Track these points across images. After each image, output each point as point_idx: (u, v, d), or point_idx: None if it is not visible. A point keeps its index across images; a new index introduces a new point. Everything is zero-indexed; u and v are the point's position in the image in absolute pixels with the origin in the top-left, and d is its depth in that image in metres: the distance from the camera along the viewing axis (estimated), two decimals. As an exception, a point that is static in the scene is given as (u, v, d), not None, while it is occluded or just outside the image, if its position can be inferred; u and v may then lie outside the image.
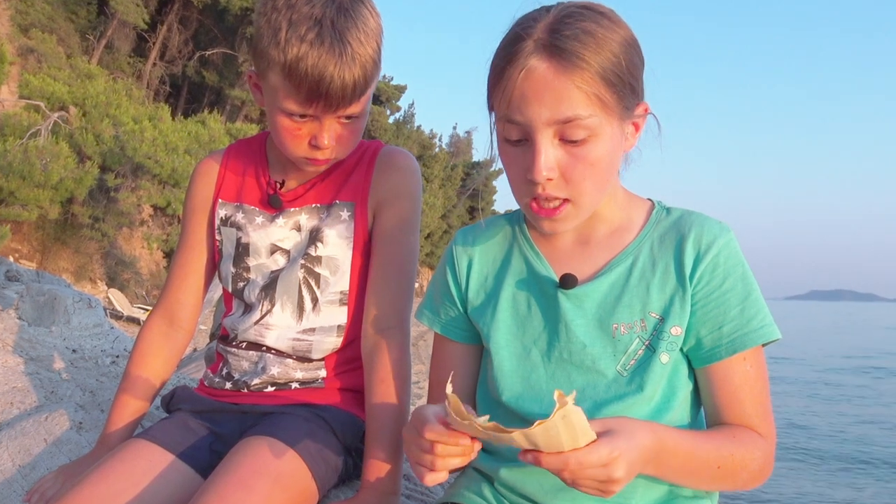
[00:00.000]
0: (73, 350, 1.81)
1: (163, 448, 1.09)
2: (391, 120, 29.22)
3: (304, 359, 1.18)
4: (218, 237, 1.23)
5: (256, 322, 1.18)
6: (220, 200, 1.23)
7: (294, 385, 1.18)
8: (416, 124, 32.18)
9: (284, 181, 1.20)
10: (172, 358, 1.26)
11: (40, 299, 1.97)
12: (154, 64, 21.59)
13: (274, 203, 1.19)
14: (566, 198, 0.85)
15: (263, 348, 1.19)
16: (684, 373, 0.91)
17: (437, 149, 33.48)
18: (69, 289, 2.25)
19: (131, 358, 1.25)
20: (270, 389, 1.18)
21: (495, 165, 0.92)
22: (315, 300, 1.17)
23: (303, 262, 1.17)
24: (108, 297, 13.58)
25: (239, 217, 1.21)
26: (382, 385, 1.09)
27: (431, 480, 0.76)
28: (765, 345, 0.88)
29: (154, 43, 21.34)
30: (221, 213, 1.23)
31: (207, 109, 19.64)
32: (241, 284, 1.21)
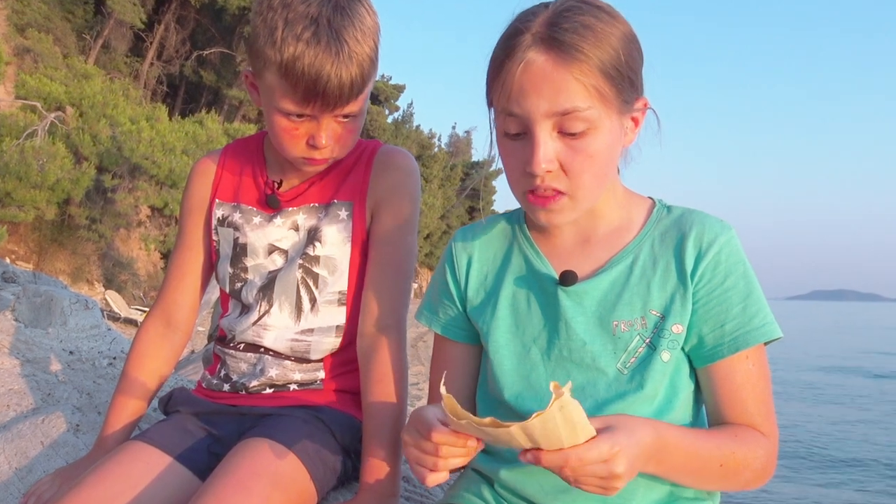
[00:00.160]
0: (70, 352, 1.80)
1: (160, 450, 1.09)
2: (390, 120, 29.20)
3: (303, 360, 1.17)
4: (215, 237, 1.22)
5: (254, 323, 1.18)
6: (217, 200, 1.23)
7: (292, 386, 1.17)
8: (415, 124, 32.18)
9: (282, 181, 1.20)
10: (170, 359, 1.26)
11: (37, 301, 1.96)
12: (151, 64, 21.55)
13: (271, 203, 1.18)
14: (564, 191, 0.85)
15: (261, 350, 1.18)
16: (686, 372, 0.90)
17: (436, 148, 33.47)
18: (66, 290, 2.24)
19: (128, 360, 1.24)
20: (269, 391, 1.17)
21: (495, 165, 0.92)
22: (313, 300, 1.17)
23: (301, 262, 1.16)
24: (106, 299, 13.55)
25: (236, 217, 1.20)
26: (379, 385, 1.08)
27: (433, 481, 0.76)
28: (766, 344, 0.88)
29: (151, 42, 21.30)
30: (218, 214, 1.22)
31: (205, 109, 19.59)
32: (239, 285, 1.20)
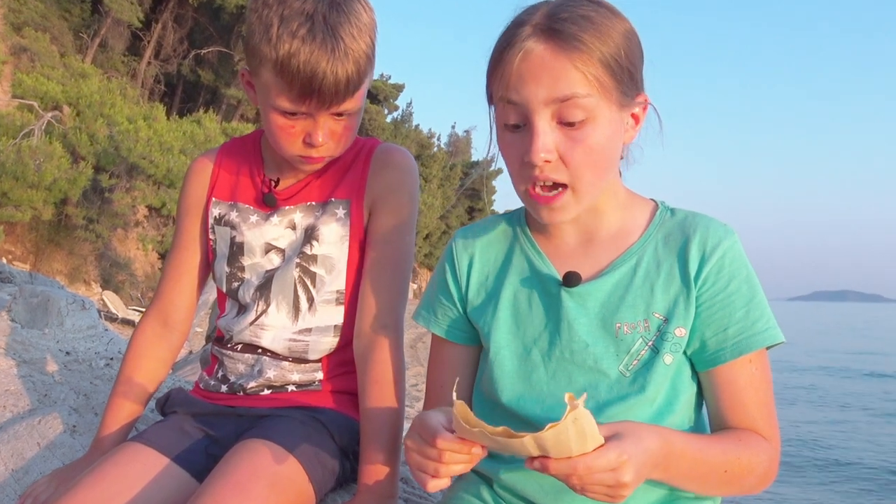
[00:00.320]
0: (67, 352, 1.79)
1: (158, 451, 1.08)
2: (389, 119, 29.15)
3: (301, 360, 1.17)
4: (212, 236, 1.22)
5: (252, 323, 1.17)
6: (214, 199, 1.22)
7: (290, 387, 1.17)
8: (415, 123, 32.12)
9: (279, 179, 1.19)
10: (167, 360, 1.25)
11: (33, 301, 1.95)
12: (149, 63, 21.49)
13: (268, 201, 1.17)
14: (565, 183, 0.85)
15: (259, 350, 1.17)
16: (687, 375, 0.90)
17: (436, 148, 33.41)
18: (63, 290, 2.23)
19: (125, 360, 1.23)
20: (267, 392, 1.17)
21: (495, 165, 0.91)
22: (311, 300, 1.16)
23: (298, 261, 1.15)
24: (103, 299, 13.53)
25: (233, 216, 1.20)
26: (377, 386, 1.08)
27: (434, 487, 0.75)
28: (769, 348, 0.88)
29: (149, 41, 21.24)
30: (215, 212, 1.21)
31: (203, 109, 19.55)
32: (236, 284, 1.19)
